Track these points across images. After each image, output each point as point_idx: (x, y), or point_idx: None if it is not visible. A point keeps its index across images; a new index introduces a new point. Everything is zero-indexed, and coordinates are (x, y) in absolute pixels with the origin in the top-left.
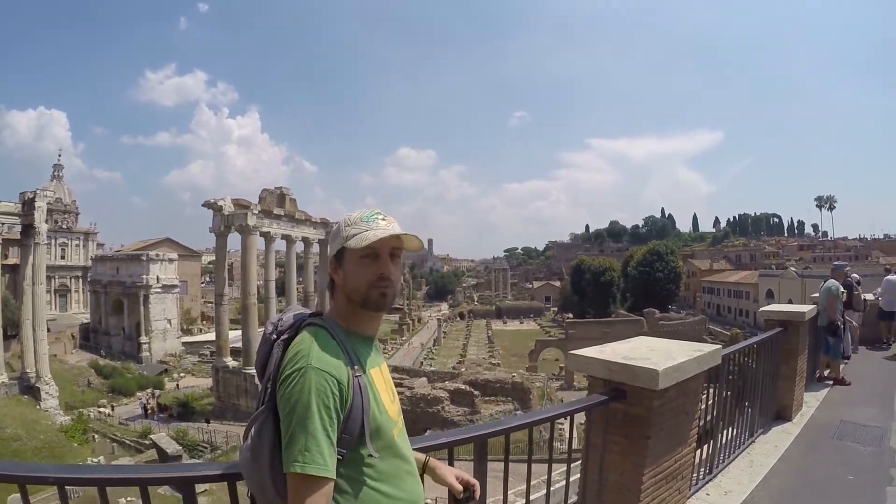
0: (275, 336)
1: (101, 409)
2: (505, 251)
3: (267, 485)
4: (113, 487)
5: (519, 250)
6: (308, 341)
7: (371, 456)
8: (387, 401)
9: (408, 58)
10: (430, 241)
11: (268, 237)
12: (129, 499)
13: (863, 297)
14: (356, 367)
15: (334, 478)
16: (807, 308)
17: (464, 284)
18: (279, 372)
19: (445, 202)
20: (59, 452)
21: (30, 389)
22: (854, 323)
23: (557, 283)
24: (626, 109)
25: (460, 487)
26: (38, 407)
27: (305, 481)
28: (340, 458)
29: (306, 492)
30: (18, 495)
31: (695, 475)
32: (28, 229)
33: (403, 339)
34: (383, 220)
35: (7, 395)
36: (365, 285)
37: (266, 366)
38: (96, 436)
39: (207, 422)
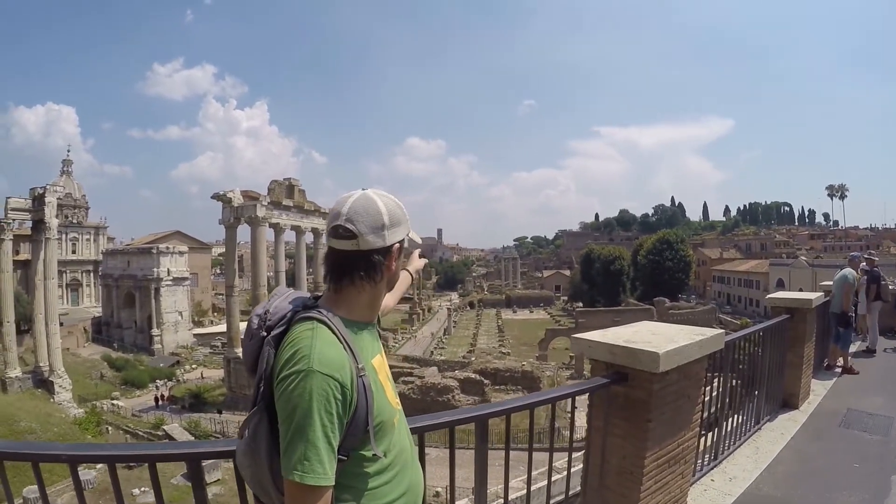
0: (264, 333)
1: (115, 402)
2: (514, 240)
3: (268, 484)
4: (124, 479)
5: (528, 239)
6: (307, 339)
7: (375, 455)
8: (389, 390)
9: (417, 47)
10: (439, 231)
11: (277, 228)
12: (142, 489)
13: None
14: (360, 367)
15: (333, 484)
16: (814, 296)
17: (473, 274)
18: (274, 372)
19: (455, 191)
20: None
21: (43, 383)
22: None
23: (567, 272)
24: (636, 97)
25: None
26: (51, 400)
27: (303, 490)
28: (345, 458)
29: (304, 500)
30: (33, 487)
31: (700, 461)
32: (39, 225)
33: (414, 328)
34: None
35: (21, 388)
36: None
37: (256, 363)
38: (110, 428)
39: (219, 412)
